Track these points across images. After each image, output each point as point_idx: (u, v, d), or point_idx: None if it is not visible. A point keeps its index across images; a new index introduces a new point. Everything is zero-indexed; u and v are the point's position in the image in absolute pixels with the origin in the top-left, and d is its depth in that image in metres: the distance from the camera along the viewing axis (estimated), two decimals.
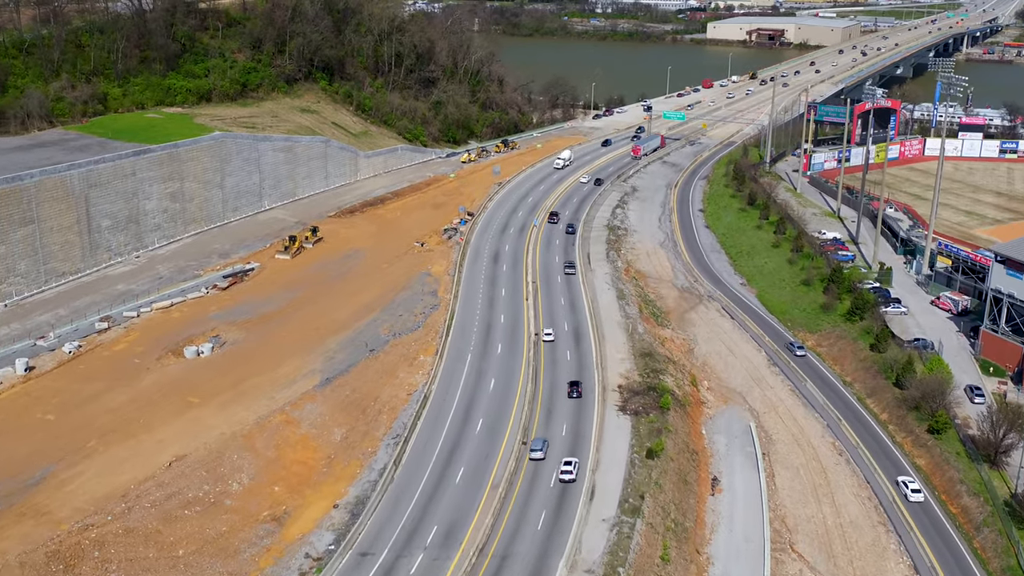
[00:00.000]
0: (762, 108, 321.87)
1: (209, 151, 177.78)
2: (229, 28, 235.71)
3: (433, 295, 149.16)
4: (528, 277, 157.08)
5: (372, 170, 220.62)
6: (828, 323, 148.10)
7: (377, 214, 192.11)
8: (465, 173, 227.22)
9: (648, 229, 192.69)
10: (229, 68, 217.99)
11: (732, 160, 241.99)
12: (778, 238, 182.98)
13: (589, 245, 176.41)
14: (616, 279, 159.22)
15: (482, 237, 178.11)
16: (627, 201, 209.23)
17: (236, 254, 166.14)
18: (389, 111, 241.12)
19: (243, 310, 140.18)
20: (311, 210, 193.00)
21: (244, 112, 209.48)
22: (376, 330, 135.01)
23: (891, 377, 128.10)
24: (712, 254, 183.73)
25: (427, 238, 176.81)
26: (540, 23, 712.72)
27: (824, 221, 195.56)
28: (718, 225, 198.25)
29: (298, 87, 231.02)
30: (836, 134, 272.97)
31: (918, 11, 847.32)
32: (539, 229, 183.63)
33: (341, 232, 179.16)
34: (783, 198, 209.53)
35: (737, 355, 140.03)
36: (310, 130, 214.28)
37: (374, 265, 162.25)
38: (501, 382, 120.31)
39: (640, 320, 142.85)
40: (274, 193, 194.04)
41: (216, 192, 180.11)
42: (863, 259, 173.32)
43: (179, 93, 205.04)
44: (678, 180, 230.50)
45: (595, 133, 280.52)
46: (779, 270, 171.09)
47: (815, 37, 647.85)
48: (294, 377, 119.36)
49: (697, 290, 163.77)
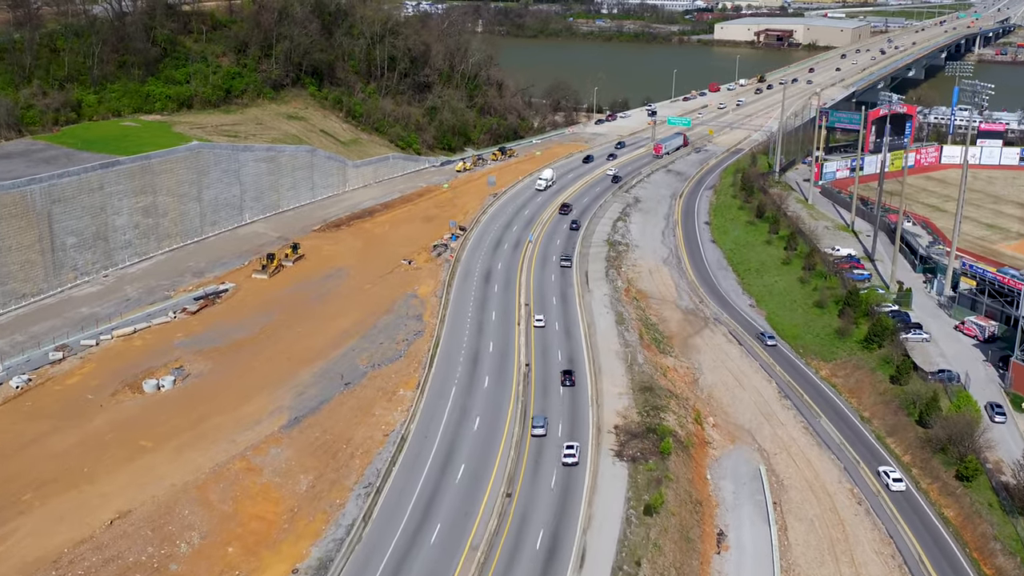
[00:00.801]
0: (771, 113, 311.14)
1: (185, 162, 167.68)
2: (215, 31, 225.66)
3: (418, 320, 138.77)
4: (521, 299, 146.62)
5: (361, 180, 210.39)
6: (844, 350, 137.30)
7: (364, 228, 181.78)
8: (459, 183, 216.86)
9: (651, 244, 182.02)
10: (212, 73, 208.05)
11: (739, 169, 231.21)
12: (789, 254, 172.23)
13: (588, 262, 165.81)
14: (615, 300, 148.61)
15: (474, 254, 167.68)
16: (629, 213, 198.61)
17: (211, 273, 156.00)
18: (381, 117, 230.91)
19: (211, 337, 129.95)
20: (295, 223, 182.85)
21: (227, 119, 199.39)
22: (354, 360, 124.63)
23: (914, 413, 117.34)
24: (719, 271, 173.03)
25: (415, 255, 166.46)
26: (545, 24, 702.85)
27: (837, 235, 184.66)
28: (725, 239, 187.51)
29: (285, 93, 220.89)
30: (848, 141, 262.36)
31: (928, 11, 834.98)
32: (535, 245, 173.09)
33: (324, 248, 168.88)
34: (793, 210, 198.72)
35: (745, 386, 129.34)
36: (296, 138, 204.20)
37: (357, 286, 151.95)
38: (486, 421, 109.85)
39: (640, 347, 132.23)
40: (256, 206, 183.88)
41: (193, 206, 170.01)
42: (880, 278, 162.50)
43: (158, 100, 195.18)
44: (683, 190, 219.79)
45: (597, 140, 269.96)
46: (790, 290, 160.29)
47: (824, 38, 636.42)
48: (260, 416, 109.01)
49: (702, 312, 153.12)
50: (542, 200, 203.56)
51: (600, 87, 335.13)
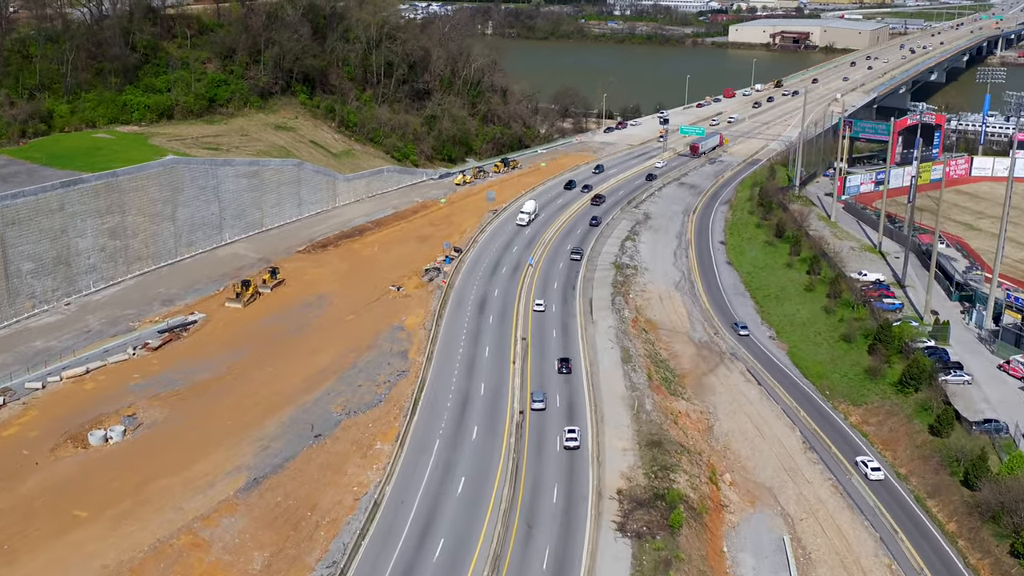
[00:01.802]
0: (788, 120, 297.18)
1: (157, 179, 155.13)
2: (200, 36, 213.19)
3: (403, 357, 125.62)
4: (517, 331, 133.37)
5: (353, 195, 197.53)
6: (875, 393, 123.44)
7: (352, 249, 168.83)
8: (458, 197, 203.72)
9: (661, 267, 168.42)
10: (196, 81, 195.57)
11: (757, 182, 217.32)
12: (812, 279, 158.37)
13: (592, 288, 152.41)
14: (622, 333, 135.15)
15: (469, 278, 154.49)
16: (638, 231, 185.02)
17: (182, 300, 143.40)
18: (376, 127, 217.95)
19: (172, 378, 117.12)
20: (279, 243, 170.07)
21: (209, 131, 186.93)
22: (327, 406, 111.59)
23: (957, 472, 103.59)
24: (735, 298, 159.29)
25: (405, 280, 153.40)
26: (556, 26, 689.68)
27: (864, 258, 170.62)
28: (742, 261, 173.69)
29: (274, 101, 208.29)
30: (872, 151, 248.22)
31: (948, 12, 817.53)
32: (535, 268, 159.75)
33: (307, 272, 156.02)
34: (816, 228, 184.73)
35: (766, 435, 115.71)
36: (284, 150, 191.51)
37: (338, 316, 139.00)
38: (473, 482, 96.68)
39: (649, 390, 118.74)
40: (237, 224, 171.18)
41: (166, 226, 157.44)
42: (912, 307, 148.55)
43: (136, 110, 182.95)
44: (696, 205, 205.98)
45: (605, 149, 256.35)
46: (814, 320, 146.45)
47: (842, 40, 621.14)
48: (214, 476, 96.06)
49: (718, 345, 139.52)
50: (546, 217, 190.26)
51: (611, 92, 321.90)
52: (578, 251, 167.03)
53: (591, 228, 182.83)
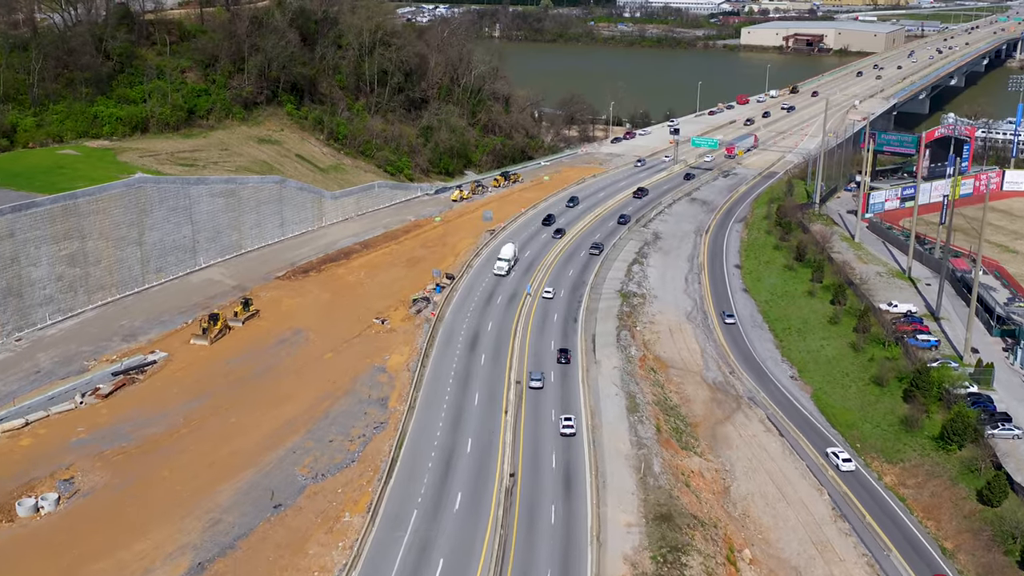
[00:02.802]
0: (805, 129, 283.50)
1: (122, 200, 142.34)
2: (183, 43, 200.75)
3: (382, 405, 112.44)
4: (511, 374, 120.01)
5: (341, 213, 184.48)
6: (913, 449, 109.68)
7: (336, 275, 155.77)
8: (454, 215, 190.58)
9: (672, 294, 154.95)
10: (174, 91, 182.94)
11: (773, 198, 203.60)
12: (837, 310, 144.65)
13: (596, 321, 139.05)
14: (628, 376, 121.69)
15: (461, 310, 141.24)
16: (647, 253, 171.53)
17: (145, 335, 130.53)
18: (368, 139, 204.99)
19: (120, 432, 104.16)
20: (257, 268, 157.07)
21: (186, 145, 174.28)
22: (292, 467, 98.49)
23: (1013, 551, 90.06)
24: (752, 331, 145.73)
25: (391, 311, 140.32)
26: (564, 28, 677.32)
27: (893, 285, 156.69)
28: (759, 288, 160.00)
29: (258, 112, 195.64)
30: (894, 163, 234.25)
31: (965, 14, 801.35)
32: (534, 299, 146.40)
33: (284, 302, 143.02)
34: (839, 251, 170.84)
35: (790, 499, 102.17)
36: (266, 165, 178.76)
37: (315, 354, 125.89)
38: (452, 568, 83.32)
39: (658, 445, 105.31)
40: (212, 248, 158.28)
41: (132, 251, 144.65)
42: (948, 343, 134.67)
43: (107, 123, 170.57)
44: (709, 224, 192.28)
45: (613, 161, 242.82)
46: (840, 358, 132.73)
47: (857, 43, 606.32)
48: (153, 561, 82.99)
49: (734, 387, 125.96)
50: (547, 237, 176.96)
51: (619, 98, 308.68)
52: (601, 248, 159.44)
53: (593, 252, 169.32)
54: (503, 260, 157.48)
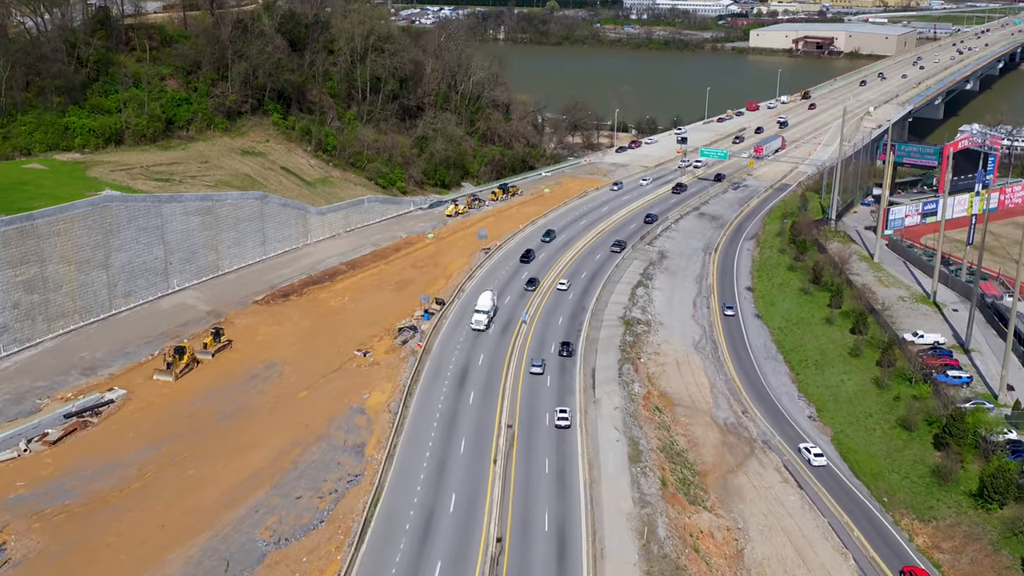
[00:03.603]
0: (818, 137, 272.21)
1: (86, 221, 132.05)
2: (165, 48, 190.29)
3: (358, 453, 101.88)
4: (503, 417, 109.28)
5: (328, 230, 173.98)
6: (947, 505, 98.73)
7: (318, 299, 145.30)
8: (447, 231, 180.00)
9: (679, 321, 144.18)
10: (152, 100, 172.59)
11: (787, 213, 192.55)
12: (857, 340, 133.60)
13: (596, 353, 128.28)
14: (630, 417, 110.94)
15: (450, 340, 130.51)
16: (652, 274, 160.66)
17: (106, 368, 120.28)
18: (359, 150, 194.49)
19: (65, 486, 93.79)
20: (235, 291, 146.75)
21: (163, 158, 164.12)
22: (252, 530, 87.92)
23: None
24: (766, 362, 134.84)
25: (374, 342, 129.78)
26: (570, 31, 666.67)
27: (917, 312, 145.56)
28: (773, 314, 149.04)
29: (242, 122, 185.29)
30: (913, 175, 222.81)
31: (977, 16, 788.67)
32: (530, 326, 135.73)
33: (260, 331, 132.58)
34: (857, 272, 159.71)
35: (811, 565, 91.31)
36: (249, 179, 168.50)
37: (288, 392, 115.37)
38: None
39: (663, 501, 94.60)
40: (187, 269, 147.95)
41: (98, 274, 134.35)
42: (980, 378, 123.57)
43: (79, 134, 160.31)
44: (719, 241, 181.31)
45: (616, 172, 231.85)
46: (863, 396, 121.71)
47: (868, 45, 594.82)
48: None
49: (747, 429, 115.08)
50: (546, 257, 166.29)
51: (625, 103, 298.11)
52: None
53: (595, 275, 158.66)
54: (481, 312, 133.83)
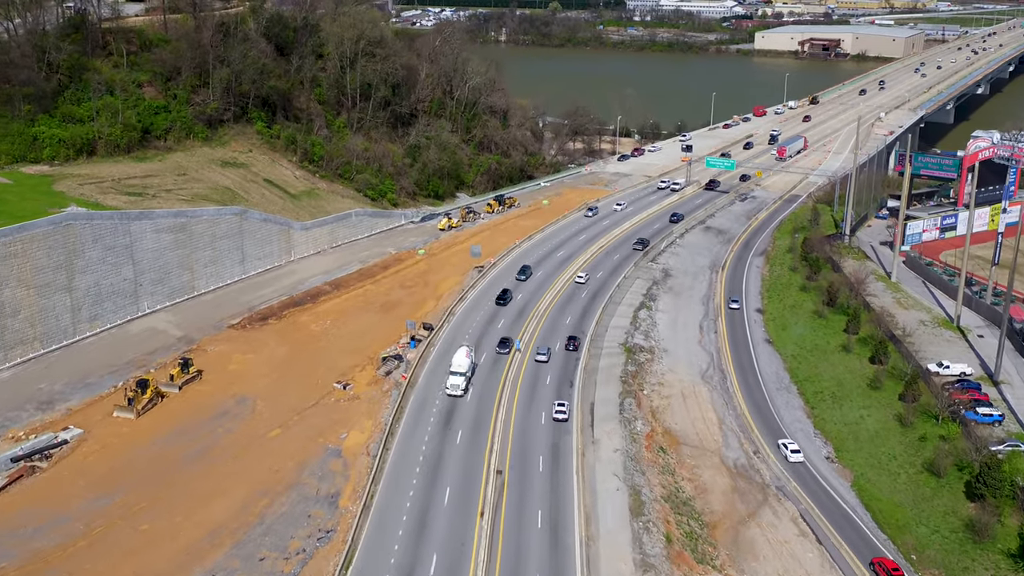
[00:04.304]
0: (828, 144, 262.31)
1: (47, 241, 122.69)
2: (144, 53, 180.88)
3: (331, 504, 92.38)
4: (492, 459, 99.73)
5: (313, 246, 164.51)
6: (984, 567, 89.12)
7: (298, 323, 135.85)
8: (439, 247, 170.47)
9: (684, 347, 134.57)
10: (128, 108, 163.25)
11: (797, 227, 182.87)
12: (877, 370, 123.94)
13: (595, 385, 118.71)
14: (632, 460, 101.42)
15: (437, 370, 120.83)
16: (656, 295, 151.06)
17: (64, 402, 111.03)
18: (347, 160, 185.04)
19: (2, 545, 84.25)
20: (210, 314, 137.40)
21: (137, 170, 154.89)
22: None
23: None
24: (778, 394, 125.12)
25: (356, 373, 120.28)
26: (572, 33, 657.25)
27: (940, 337, 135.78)
28: (785, 339, 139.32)
29: (224, 131, 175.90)
30: (929, 186, 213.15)
31: (985, 18, 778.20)
32: (524, 354, 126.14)
33: (233, 359, 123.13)
34: (874, 293, 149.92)
35: None
36: (229, 192, 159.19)
37: (259, 431, 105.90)
38: None
39: (668, 563, 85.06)
40: (159, 291, 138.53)
41: (60, 298, 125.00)
42: (1012, 415, 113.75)
43: (48, 145, 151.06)
44: (726, 258, 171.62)
45: (619, 182, 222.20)
46: (885, 435, 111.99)
47: (875, 48, 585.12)
48: None
49: (759, 472, 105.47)
50: (543, 277, 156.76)
51: (628, 107, 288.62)
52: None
53: (593, 297, 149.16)
54: (457, 374, 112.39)
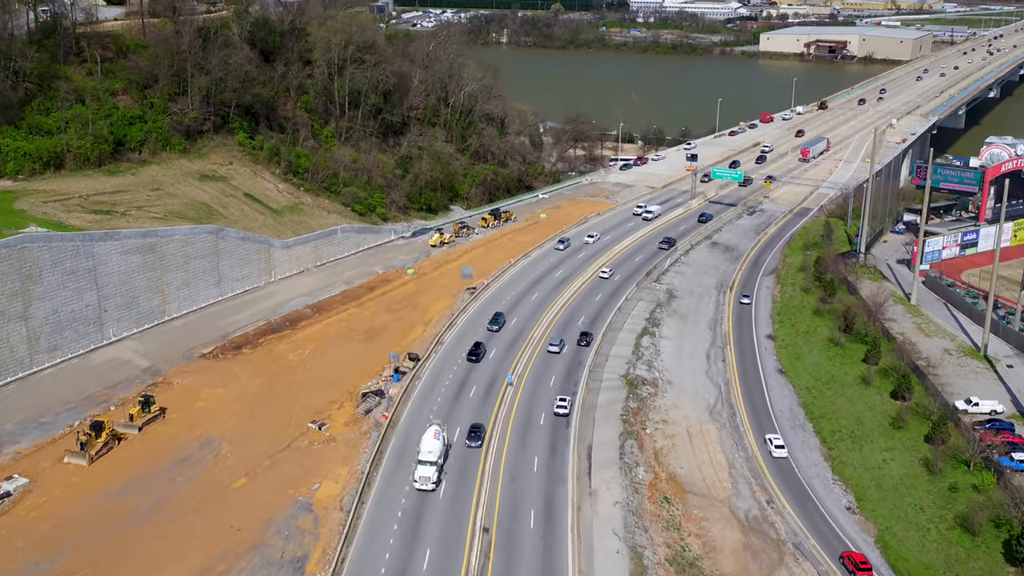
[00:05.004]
0: (840, 153, 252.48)
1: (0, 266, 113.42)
2: (122, 59, 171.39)
3: (297, 570, 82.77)
4: (479, 515, 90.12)
5: (295, 265, 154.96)
6: None
7: (275, 352, 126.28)
8: (430, 265, 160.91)
9: (690, 378, 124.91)
10: (101, 118, 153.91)
11: (809, 243, 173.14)
12: (900, 407, 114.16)
13: (593, 425, 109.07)
14: (633, 515, 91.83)
15: (421, 409, 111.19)
16: (659, 320, 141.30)
17: (13, 445, 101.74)
18: (335, 172, 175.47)
19: None
20: (181, 341, 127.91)
21: (107, 184, 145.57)
22: None
23: None
24: (793, 433, 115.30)
25: (333, 411, 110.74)
26: (575, 34, 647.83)
27: (966, 368, 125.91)
28: (799, 370, 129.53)
29: (203, 143, 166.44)
30: (947, 199, 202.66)
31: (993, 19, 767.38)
32: (517, 388, 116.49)
33: (201, 395, 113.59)
34: (893, 317, 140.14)
35: None
36: (206, 208, 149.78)
37: (224, 479, 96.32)
38: None
39: None
40: (126, 316, 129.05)
41: (15, 327, 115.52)
42: None
43: (11, 158, 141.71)
44: (734, 277, 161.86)
45: (621, 193, 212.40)
46: (911, 483, 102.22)
47: (882, 50, 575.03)
48: None
49: (774, 527, 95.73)
50: (540, 297, 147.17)
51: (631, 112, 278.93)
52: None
53: (590, 324, 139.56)
54: (426, 463, 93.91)
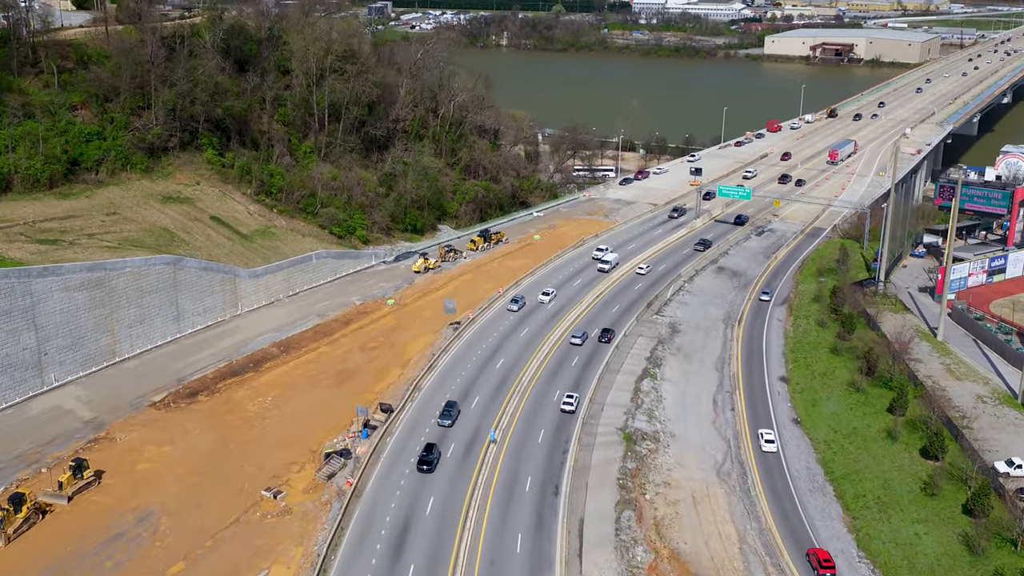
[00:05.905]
0: (853, 165, 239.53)
1: None
2: (82, 70, 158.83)
3: None
4: None
5: (264, 296, 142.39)
6: None
7: (233, 400, 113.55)
8: (412, 295, 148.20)
9: (696, 428, 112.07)
10: (55, 135, 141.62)
11: (823, 269, 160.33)
12: (934, 469, 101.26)
13: (585, 492, 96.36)
14: None
15: (391, 473, 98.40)
16: (661, 359, 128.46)
17: None
18: (312, 191, 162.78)
19: None
20: (131, 387, 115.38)
21: (58, 209, 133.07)
22: None
23: None
24: (811, 497, 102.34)
25: (292, 474, 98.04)
26: (576, 37, 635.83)
27: (1003, 419, 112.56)
28: (816, 419, 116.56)
29: (167, 161, 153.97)
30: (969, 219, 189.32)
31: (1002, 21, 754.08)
32: (500, 447, 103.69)
33: (144, 454, 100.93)
34: (919, 357, 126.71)
35: None
36: (167, 234, 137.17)
37: (157, 566, 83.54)
38: None
39: None
40: (69, 359, 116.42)
41: None
42: None
43: None
44: (743, 308, 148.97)
45: (620, 211, 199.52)
46: (950, 566, 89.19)
47: (889, 53, 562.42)
48: None
49: None
50: (529, 335, 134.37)
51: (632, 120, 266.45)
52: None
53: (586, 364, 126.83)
54: None
